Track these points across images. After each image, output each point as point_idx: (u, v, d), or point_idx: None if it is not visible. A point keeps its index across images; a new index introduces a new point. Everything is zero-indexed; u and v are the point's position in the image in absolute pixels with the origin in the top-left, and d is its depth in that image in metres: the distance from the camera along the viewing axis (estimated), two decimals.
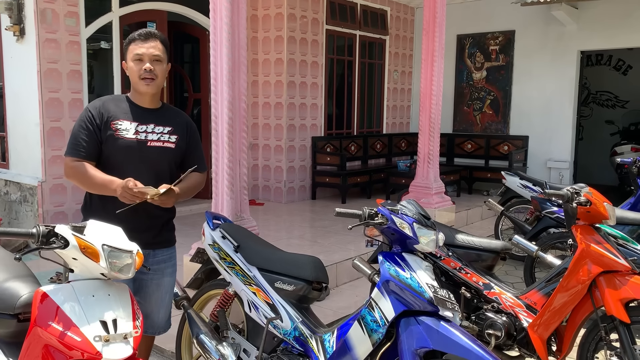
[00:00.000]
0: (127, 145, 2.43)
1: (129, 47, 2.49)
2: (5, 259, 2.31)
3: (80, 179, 2.40)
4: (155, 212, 2.50)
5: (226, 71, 4.06)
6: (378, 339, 2.34)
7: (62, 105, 6.13)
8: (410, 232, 2.45)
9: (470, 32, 9.79)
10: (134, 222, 2.40)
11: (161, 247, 2.62)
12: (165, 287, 2.67)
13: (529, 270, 4.67)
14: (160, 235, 2.61)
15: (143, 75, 2.43)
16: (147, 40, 2.47)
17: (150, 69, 2.43)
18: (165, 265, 2.65)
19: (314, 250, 5.33)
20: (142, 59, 2.44)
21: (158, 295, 2.64)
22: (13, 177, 6.53)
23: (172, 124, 2.56)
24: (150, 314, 2.63)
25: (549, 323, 2.97)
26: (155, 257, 2.59)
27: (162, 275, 2.64)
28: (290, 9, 7.89)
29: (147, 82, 2.45)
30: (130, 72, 2.47)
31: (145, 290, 2.59)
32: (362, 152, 9.32)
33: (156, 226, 2.57)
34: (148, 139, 2.46)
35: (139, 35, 2.48)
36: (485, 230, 7.02)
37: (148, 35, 2.48)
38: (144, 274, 2.52)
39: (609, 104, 11.39)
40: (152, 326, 2.68)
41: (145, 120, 2.49)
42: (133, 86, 2.51)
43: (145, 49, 2.45)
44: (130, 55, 2.47)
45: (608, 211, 3.00)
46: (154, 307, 2.64)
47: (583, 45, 8.85)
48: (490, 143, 9.56)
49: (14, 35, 6.10)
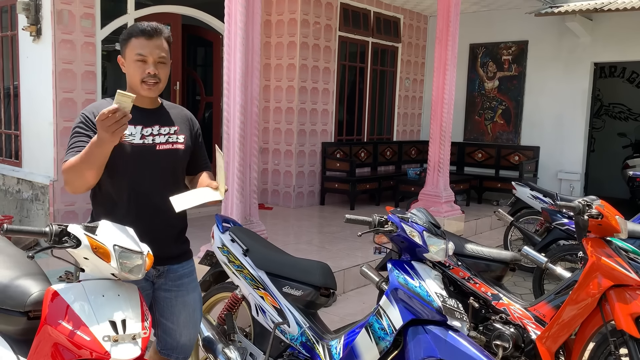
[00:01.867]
0: (136, 152, 2.19)
1: (129, 41, 2.19)
2: (17, 257, 2.33)
3: (74, 169, 2.04)
4: (171, 220, 2.30)
5: (239, 75, 4.09)
6: (385, 347, 2.34)
7: (76, 106, 6.18)
8: (420, 241, 2.45)
9: (483, 42, 9.77)
10: (149, 235, 2.13)
11: (179, 261, 2.38)
12: (192, 304, 2.42)
13: (537, 282, 4.63)
14: (176, 249, 2.38)
15: (146, 79, 2.17)
16: (152, 38, 2.17)
17: (155, 73, 2.18)
18: (188, 280, 2.41)
19: (322, 255, 5.32)
20: (146, 60, 2.17)
21: (185, 315, 2.39)
22: (25, 175, 6.59)
23: (177, 123, 2.34)
24: (180, 338, 2.40)
25: (558, 336, 2.95)
26: (175, 272, 2.36)
27: (187, 292, 2.39)
28: (303, 15, 7.92)
29: (150, 86, 2.19)
30: (131, 73, 2.20)
31: (171, 310, 2.36)
32: (371, 159, 9.32)
33: (171, 237, 2.35)
34: (156, 142, 2.24)
35: (142, 31, 2.17)
36: (494, 240, 6.97)
37: (154, 32, 2.18)
38: (167, 291, 2.34)
39: (622, 116, 11.31)
40: (183, 351, 2.43)
41: (149, 121, 2.25)
42: (133, 88, 2.23)
43: (150, 49, 2.17)
44: (131, 54, 2.17)
45: (620, 224, 2.97)
46: (182, 330, 2.39)
47: (596, 57, 8.81)
48: (501, 153, 9.52)
49: (31, 36, 6.17)
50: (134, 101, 1.90)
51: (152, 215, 2.25)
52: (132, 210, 2.21)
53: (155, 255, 2.02)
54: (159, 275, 2.33)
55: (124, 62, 2.24)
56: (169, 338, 2.40)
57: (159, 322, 2.38)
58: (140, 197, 2.23)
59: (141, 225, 2.11)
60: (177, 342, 2.41)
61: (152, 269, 2.27)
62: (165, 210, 2.19)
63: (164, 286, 2.35)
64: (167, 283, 2.35)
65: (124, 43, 2.23)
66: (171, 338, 2.40)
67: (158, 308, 2.36)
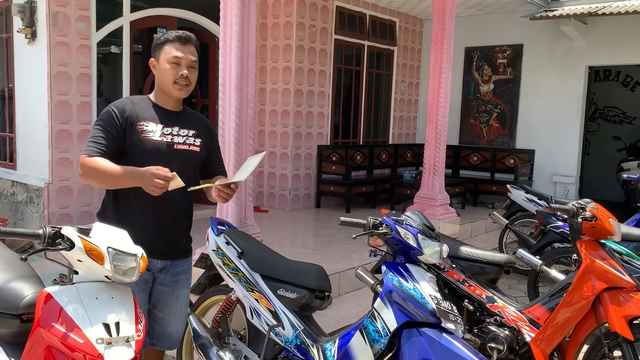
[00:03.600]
0: (155, 148, 2.35)
1: (164, 46, 2.39)
2: (10, 259, 2.32)
3: (98, 174, 2.24)
4: (183, 217, 2.48)
5: (235, 78, 4.09)
6: (380, 349, 2.34)
7: (71, 108, 6.17)
8: (415, 243, 2.45)
9: (479, 45, 9.81)
10: (159, 228, 2.38)
11: (181, 257, 2.55)
12: (184, 298, 2.61)
13: (532, 285, 4.65)
14: (182, 245, 2.54)
15: (179, 80, 2.36)
16: (186, 44, 2.39)
17: (187, 75, 2.37)
18: (185, 276, 2.58)
19: (317, 258, 5.32)
20: (179, 63, 2.36)
21: (177, 307, 2.57)
22: (20, 178, 6.57)
23: (196, 127, 2.50)
24: (168, 327, 2.56)
25: (552, 338, 2.96)
26: (176, 267, 2.52)
27: (182, 287, 2.58)
28: (299, 18, 7.93)
29: (181, 87, 2.38)
30: (164, 74, 2.38)
31: (164, 302, 2.52)
32: (367, 162, 9.33)
33: (180, 232, 2.52)
34: (174, 142, 2.40)
35: (177, 37, 2.39)
36: (489, 243, 6.99)
37: (187, 39, 2.40)
38: (164, 285, 2.49)
39: (616, 119, 11.36)
40: (169, 340, 2.59)
41: (170, 122, 2.43)
42: (162, 88, 2.42)
43: (184, 54, 2.37)
44: (167, 57, 2.37)
45: (613, 227, 2.99)
46: (172, 320, 2.57)
47: (591, 60, 8.85)
48: (496, 156, 9.54)
49: (26, 38, 6.16)
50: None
51: (166, 210, 2.39)
52: (146, 203, 2.35)
53: (164, 248, 2.26)
54: (161, 270, 2.46)
55: (156, 65, 2.43)
56: (157, 326, 2.54)
57: (150, 312, 2.51)
58: None
59: (154, 218, 2.34)
60: (164, 331, 2.56)
61: (157, 261, 2.42)
62: (178, 206, 2.43)
63: (162, 281, 2.49)
64: (167, 278, 2.50)
65: (158, 47, 2.42)
66: (160, 327, 2.54)
67: (152, 299, 2.50)
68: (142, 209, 2.35)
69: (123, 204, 2.37)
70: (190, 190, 2.32)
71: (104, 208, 2.44)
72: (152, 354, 2.65)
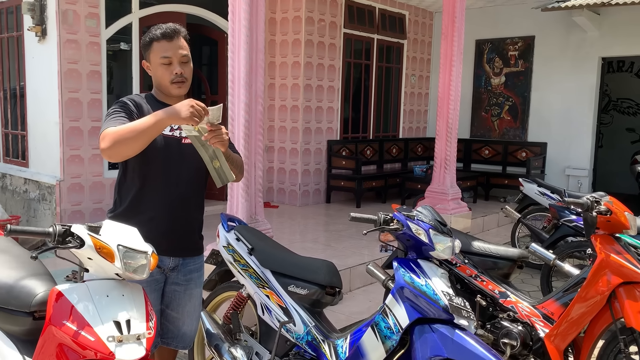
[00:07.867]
0: (165, 142, 2.32)
1: (151, 46, 2.32)
2: (22, 257, 2.33)
3: (127, 132, 2.09)
4: (194, 213, 2.45)
5: (244, 74, 4.08)
6: (392, 346, 2.32)
7: (82, 105, 6.20)
8: (426, 239, 2.43)
9: (489, 37, 9.71)
10: (172, 224, 2.35)
11: (193, 254, 2.51)
12: (197, 297, 2.57)
13: (545, 279, 4.60)
14: (194, 242, 2.51)
15: (175, 79, 2.32)
16: (172, 39, 2.31)
17: (182, 72, 2.32)
18: (197, 274, 2.54)
19: (328, 254, 5.31)
20: (171, 62, 2.30)
21: (190, 306, 2.53)
22: (32, 175, 6.62)
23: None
24: (182, 327, 2.52)
25: (566, 334, 2.92)
26: (187, 266, 2.48)
27: (195, 286, 2.53)
28: (308, 12, 7.89)
29: (179, 85, 2.34)
30: (159, 75, 2.34)
31: (177, 301, 2.49)
32: (377, 157, 9.28)
33: (192, 229, 2.48)
34: (182, 136, 2.36)
35: (163, 34, 2.30)
36: (501, 237, 6.94)
37: (173, 33, 2.32)
38: (177, 285, 2.46)
39: (630, 111, 11.20)
40: (183, 339, 2.55)
41: None
42: (161, 89, 2.39)
43: (173, 51, 2.30)
44: (156, 58, 2.31)
45: (629, 221, 2.94)
46: (186, 319, 2.53)
47: (604, 51, 8.72)
48: (508, 149, 9.46)
49: (36, 36, 6.19)
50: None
51: (177, 206, 2.36)
52: (159, 200, 2.33)
53: (177, 245, 2.20)
54: (173, 268, 2.43)
55: (149, 66, 2.38)
56: (171, 326, 2.50)
57: (163, 311, 2.48)
58: (166, 187, 2.34)
59: (167, 215, 2.31)
60: (178, 330, 2.52)
61: (169, 259, 2.40)
62: (190, 202, 2.38)
63: (175, 280, 2.46)
64: (179, 277, 2.46)
65: (146, 48, 2.35)
66: (174, 326, 2.51)
67: (164, 299, 2.47)
68: (154, 205, 2.33)
69: (135, 201, 2.35)
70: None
71: (115, 205, 2.43)
72: (166, 352, 2.64)
